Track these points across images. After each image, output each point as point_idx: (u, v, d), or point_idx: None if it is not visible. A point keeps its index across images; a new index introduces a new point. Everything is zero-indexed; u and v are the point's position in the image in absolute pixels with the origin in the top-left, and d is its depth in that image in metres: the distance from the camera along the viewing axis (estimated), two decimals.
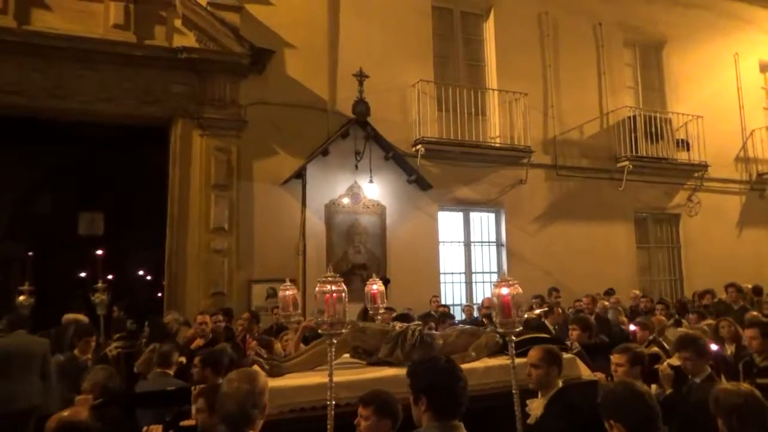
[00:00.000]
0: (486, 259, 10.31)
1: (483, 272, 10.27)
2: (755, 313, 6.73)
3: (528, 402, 3.14)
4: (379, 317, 4.24)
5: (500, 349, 3.75)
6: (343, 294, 2.76)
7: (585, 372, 3.87)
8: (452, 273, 10.01)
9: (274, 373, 3.41)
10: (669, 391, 3.91)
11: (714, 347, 4.64)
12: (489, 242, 10.34)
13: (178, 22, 8.36)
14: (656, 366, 4.15)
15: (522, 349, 3.57)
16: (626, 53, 11.80)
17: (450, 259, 10.01)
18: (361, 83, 8.77)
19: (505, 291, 2.86)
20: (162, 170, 8.65)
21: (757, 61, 12.98)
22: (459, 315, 9.06)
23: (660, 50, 12.11)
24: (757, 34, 12.92)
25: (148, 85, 8.19)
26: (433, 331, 4.03)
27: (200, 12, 8.34)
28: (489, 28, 10.65)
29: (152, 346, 5.60)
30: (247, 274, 8.36)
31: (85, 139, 10.20)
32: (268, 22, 8.91)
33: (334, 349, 2.81)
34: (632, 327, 5.38)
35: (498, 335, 3.78)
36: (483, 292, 10.05)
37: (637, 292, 9.39)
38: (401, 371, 3.37)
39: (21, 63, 7.62)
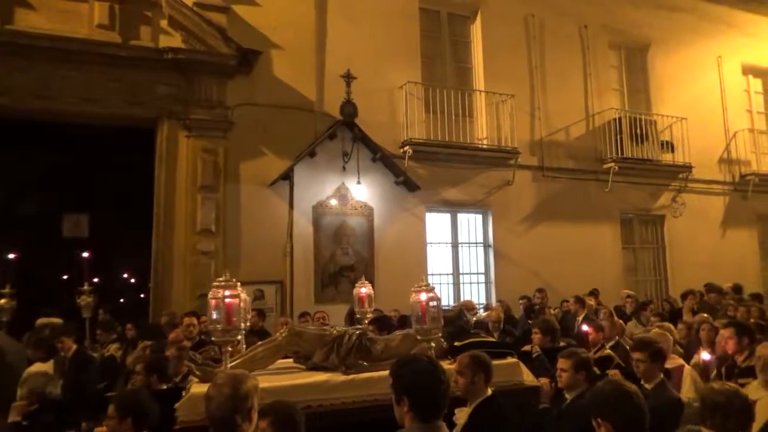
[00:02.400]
0: (473, 260, 10.34)
1: (470, 273, 10.31)
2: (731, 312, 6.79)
3: (456, 411, 3.05)
4: (365, 321, 4.18)
5: (445, 354, 3.67)
6: (239, 299, 2.61)
7: (528, 378, 3.78)
8: (440, 274, 10.03)
9: (206, 378, 3.34)
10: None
11: (707, 356, 4.64)
12: (476, 243, 10.38)
13: (164, 23, 8.30)
14: (607, 371, 4.08)
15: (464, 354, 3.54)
16: (611, 55, 11.92)
17: (437, 260, 10.03)
18: (348, 84, 8.76)
19: (423, 297, 2.77)
20: (148, 172, 8.58)
21: (739, 63, 13.16)
22: None
23: (645, 53, 12.24)
24: (740, 37, 13.10)
25: (134, 86, 8.12)
26: (375, 336, 3.91)
27: (186, 12, 8.29)
28: (476, 30, 10.70)
29: (143, 344, 5.58)
30: (234, 276, 8.22)
31: (71, 140, 10.11)
32: (255, 23, 8.88)
33: (266, 354, 2.78)
34: (584, 327, 5.26)
35: (443, 340, 3.71)
36: (471, 293, 10.10)
37: (629, 292, 9.40)
38: (335, 377, 3.39)
39: (4, 63, 7.52)
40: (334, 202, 8.94)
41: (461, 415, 3.02)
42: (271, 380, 3.33)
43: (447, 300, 9.95)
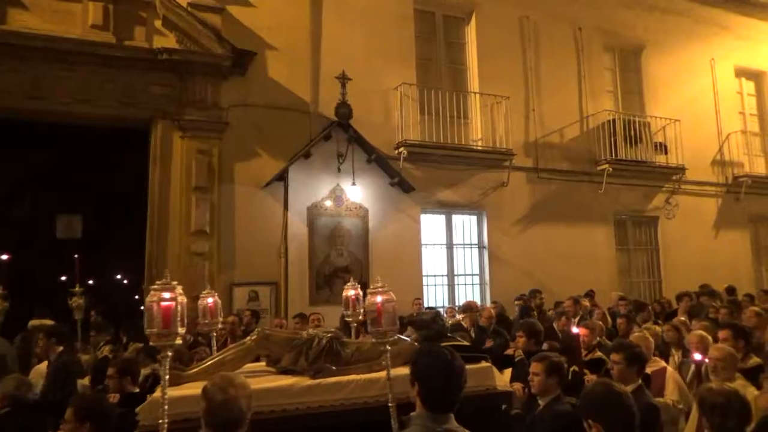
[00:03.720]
0: (468, 262, 10.36)
1: (465, 274, 10.33)
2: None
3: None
4: (354, 324, 4.09)
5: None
6: (176, 302, 2.57)
7: (501, 382, 3.75)
8: (435, 275, 10.05)
9: (175, 382, 3.35)
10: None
11: (698, 357, 4.62)
12: (471, 244, 10.40)
13: (158, 23, 8.28)
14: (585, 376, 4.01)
15: None
16: (606, 58, 11.97)
17: (432, 261, 10.04)
18: (343, 86, 8.77)
19: (379, 299, 2.73)
20: (142, 172, 8.56)
21: (732, 66, 13.24)
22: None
23: (639, 55, 12.30)
24: (733, 40, 13.19)
25: (128, 87, 8.09)
26: (347, 339, 3.86)
27: (181, 13, 8.27)
28: (471, 32, 10.73)
29: (135, 346, 5.55)
30: (229, 277, 8.30)
31: (64, 140, 10.06)
32: (250, 23, 8.87)
33: (235, 357, 2.76)
34: (574, 330, 5.21)
35: (418, 344, 3.68)
36: (465, 294, 10.10)
37: (621, 294, 9.43)
38: (301, 381, 3.34)
39: None
40: (328, 203, 8.93)
41: None
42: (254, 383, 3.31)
43: (442, 301, 9.97)
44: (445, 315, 8.02)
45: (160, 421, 2.54)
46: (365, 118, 9.01)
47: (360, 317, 3.87)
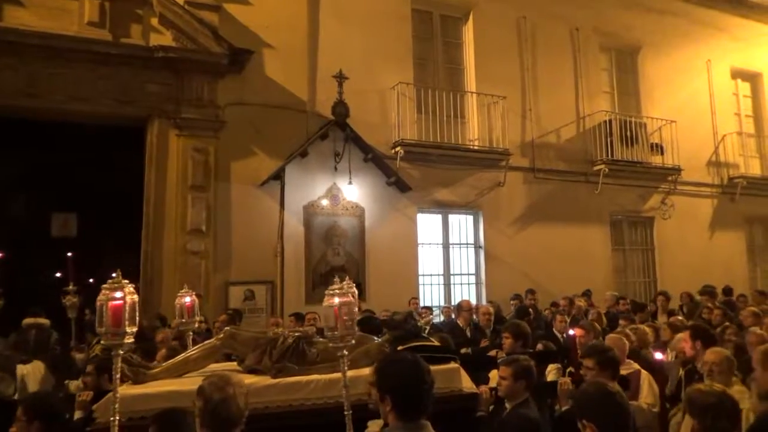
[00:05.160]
0: (464, 261, 10.36)
1: (461, 274, 10.33)
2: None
3: (369, 423, 2.96)
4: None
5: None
6: (125, 301, 2.54)
7: (467, 385, 3.68)
8: (431, 275, 10.05)
9: (138, 380, 3.37)
10: (565, 407, 3.67)
11: (659, 356, 4.55)
12: (467, 244, 10.40)
13: (154, 21, 8.25)
14: (558, 379, 3.89)
15: None
16: (602, 58, 11.99)
17: (428, 261, 10.04)
18: (340, 85, 8.76)
19: (336, 301, 2.64)
20: (138, 171, 8.52)
21: (728, 67, 13.28)
22: (438, 316, 9.08)
23: (635, 56, 12.32)
24: (729, 41, 13.23)
25: (124, 85, 8.06)
26: (318, 339, 3.83)
27: (178, 11, 8.25)
28: (468, 32, 10.73)
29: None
30: (225, 276, 8.29)
31: (59, 138, 10.00)
32: (247, 22, 8.85)
33: (200, 356, 2.75)
34: (570, 332, 5.15)
35: (387, 344, 3.67)
36: (461, 294, 10.11)
37: (614, 293, 9.46)
38: (262, 380, 3.32)
39: None
40: (325, 202, 8.92)
41: (372, 429, 2.93)
42: (192, 383, 3.32)
43: (438, 301, 9.98)
44: (417, 316, 7.99)
45: (112, 418, 2.54)
46: (362, 117, 9.00)
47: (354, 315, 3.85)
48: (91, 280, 12.02)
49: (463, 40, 10.77)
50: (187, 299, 4.03)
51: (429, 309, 8.77)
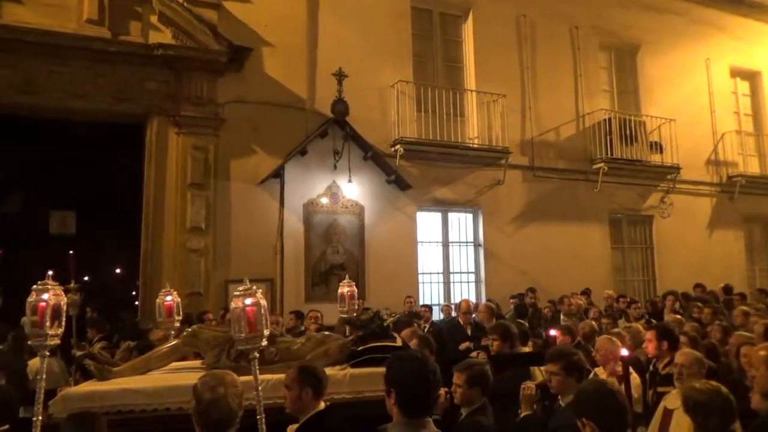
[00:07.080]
0: (464, 260, 10.36)
1: (461, 272, 10.33)
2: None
3: (288, 429, 2.94)
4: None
5: (348, 359, 3.59)
6: (59, 303, 2.53)
7: None
8: (430, 273, 10.04)
9: (103, 377, 3.42)
10: (526, 413, 3.55)
11: (625, 352, 4.52)
12: (467, 242, 10.41)
13: (154, 18, 8.23)
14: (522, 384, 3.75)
15: (362, 358, 3.50)
16: (602, 57, 11.99)
17: (428, 259, 10.04)
18: (340, 83, 8.75)
19: (248, 301, 2.58)
20: (137, 169, 8.51)
21: (727, 66, 13.29)
22: (438, 315, 9.09)
23: (634, 54, 12.32)
24: (728, 40, 13.23)
25: (123, 82, 8.05)
26: (282, 338, 3.83)
27: (177, 8, 8.23)
28: (468, 30, 10.72)
29: (126, 344, 5.53)
30: (224, 274, 8.28)
31: (58, 136, 9.97)
32: (247, 19, 8.84)
33: (162, 354, 2.78)
34: (552, 332, 5.09)
35: (350, 343, 3.67)
36: (461, 292, 10.12)
37: (611, 292, 9.49)
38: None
39: None
40: (324, 200, 8.91)
41: None
42: (144, 381, 3.37)
43: (437, 299, 9.98)
44: (384, 315, 7.93)
45: (65, 415, 2.66)
46: (362, 115, 8.99)
47: (354, 313, 3.87)
48: (86, 278, 12.01)
49: (463, 38, 10.76)
50: (168, 298, 4.03)
51: (448, 306, 8.78)
